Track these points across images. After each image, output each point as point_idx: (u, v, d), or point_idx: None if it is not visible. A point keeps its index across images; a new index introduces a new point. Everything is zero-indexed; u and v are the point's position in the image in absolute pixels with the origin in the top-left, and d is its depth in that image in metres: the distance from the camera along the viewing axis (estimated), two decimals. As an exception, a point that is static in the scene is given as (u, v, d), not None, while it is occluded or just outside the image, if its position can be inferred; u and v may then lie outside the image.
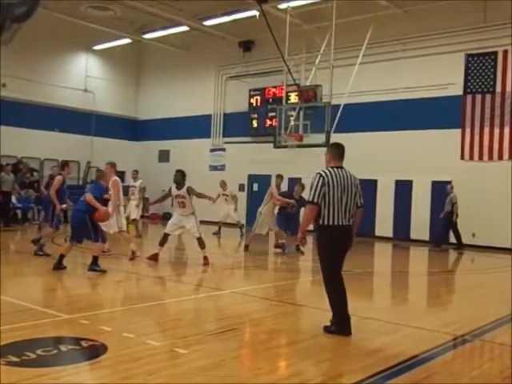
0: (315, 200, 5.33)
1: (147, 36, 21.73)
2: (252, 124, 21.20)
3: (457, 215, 15.45)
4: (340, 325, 5.42)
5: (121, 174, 24.01)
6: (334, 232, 5.39)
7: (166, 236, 10.37)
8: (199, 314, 6.63)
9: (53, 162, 21.95)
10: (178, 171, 10.46)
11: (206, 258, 10.19)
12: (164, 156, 24.39)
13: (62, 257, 8.72)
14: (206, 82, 22.82)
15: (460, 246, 15.48)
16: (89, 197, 8.60)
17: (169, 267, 10.53)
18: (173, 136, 23.78)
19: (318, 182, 5.35)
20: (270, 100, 20.56)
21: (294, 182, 15.06)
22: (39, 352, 4.44)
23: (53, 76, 22.27)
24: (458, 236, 15.57)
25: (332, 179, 5.36)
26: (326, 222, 5.37)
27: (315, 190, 5.35)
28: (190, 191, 10.25)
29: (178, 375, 4.14)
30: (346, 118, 15.00)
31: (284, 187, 14.61)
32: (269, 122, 20.29)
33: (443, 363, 4.80)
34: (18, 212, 18.64)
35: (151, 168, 24.26)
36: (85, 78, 23.61)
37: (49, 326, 5.43)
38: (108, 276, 8.65)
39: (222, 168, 21.99)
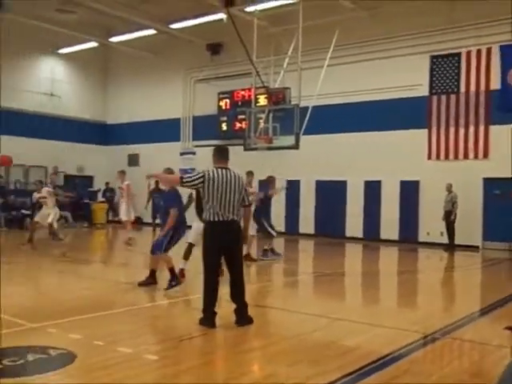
0: (184, 180, 5.79)
1: (114, 39, 21.51)
2: (221, 127, 21.15)
3: (455, 215, 15.43)
4: (207, 318, 5.72)
5: (90, 179, 24.01)
6: (214, 227, 5.74)
7: (191, 247, 8.93)
8: (171, 320, 6.56)
9: (19, 168, 21.63)
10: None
11: (181, 271, 8.72)
12: (133, 160, 24.13)
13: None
14: (175, 85, 22.70)
15: (451, 246, 15.38)
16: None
17: (140, 273, 10.36)
18: (142, 140, 23.57)
19: (199, 176, 5.72)
20: (239, 103, 20.54)
21: (265, 184, 14.34)
22: (6, 362, 4.34)
23: (18, 80, 21.83)
24: (451, 236, 15.52)
25: (213, 178, 5.71)
26: (207, 218, 5.78)
27: (192, 177, 5.77)
28: None
29: (149, 382, 4.09)
30: (314, 119, 15.04)
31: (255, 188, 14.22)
32: (238, 125, 20.25)
33: (413, 362, 4.86)
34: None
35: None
36: (51, 82, 23.23)
37: (16, 335, 5.30)
38: (73, 282, 8.48)
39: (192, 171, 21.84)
